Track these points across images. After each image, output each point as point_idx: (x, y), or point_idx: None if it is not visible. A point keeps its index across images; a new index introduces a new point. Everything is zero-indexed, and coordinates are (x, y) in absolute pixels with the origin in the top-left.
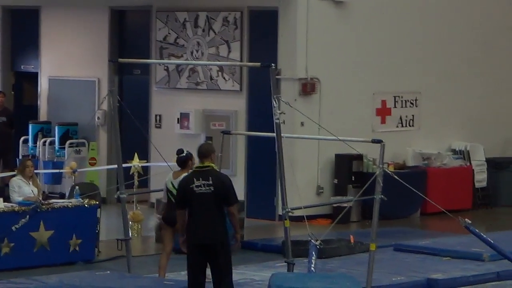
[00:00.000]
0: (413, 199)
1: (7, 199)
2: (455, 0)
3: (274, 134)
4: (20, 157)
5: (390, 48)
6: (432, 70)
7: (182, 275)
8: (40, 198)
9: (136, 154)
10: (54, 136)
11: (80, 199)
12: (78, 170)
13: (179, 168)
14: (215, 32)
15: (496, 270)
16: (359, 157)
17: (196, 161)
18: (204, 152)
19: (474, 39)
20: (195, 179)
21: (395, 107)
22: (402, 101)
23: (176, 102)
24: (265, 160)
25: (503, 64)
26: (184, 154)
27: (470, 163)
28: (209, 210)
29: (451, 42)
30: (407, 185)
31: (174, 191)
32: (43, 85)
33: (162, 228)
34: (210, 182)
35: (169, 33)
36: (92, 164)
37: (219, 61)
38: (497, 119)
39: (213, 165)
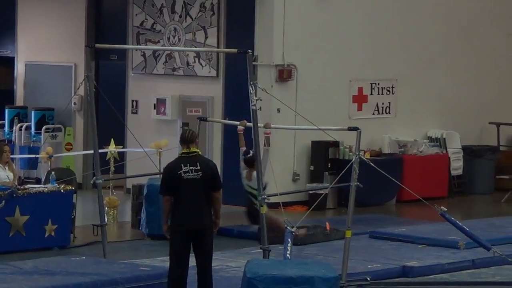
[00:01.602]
0: (389, 187)
1: None
2: None
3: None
4: None
5: (367, 35)
6: (409, 57)
7: (158, 261)
8: (16, 183)
9: (112, 139)
10: (30, 121)
11: (56, 184)
12: (54, 155)
13: (248, 169)
14: (192, 18)
15: (472, 258)
16: (336, 144)
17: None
18: (190, 138)
19: (451, 27)
20: (182, 165)
21: (371, 94)
22: (378, 88)
23: (153, 87)
24: None
25: (480, 52)
26: (251, 155)
27: (446, 150)
28: (197, 196)
29: (428, 29)
30: (383, 172)
31: (254, 191)
32: (19, 69)
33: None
34: (198, 167)
35: (146, 19)
36: (68, 150)
37: (195, 47)
38: (473, 107)
39: (198, 150)
